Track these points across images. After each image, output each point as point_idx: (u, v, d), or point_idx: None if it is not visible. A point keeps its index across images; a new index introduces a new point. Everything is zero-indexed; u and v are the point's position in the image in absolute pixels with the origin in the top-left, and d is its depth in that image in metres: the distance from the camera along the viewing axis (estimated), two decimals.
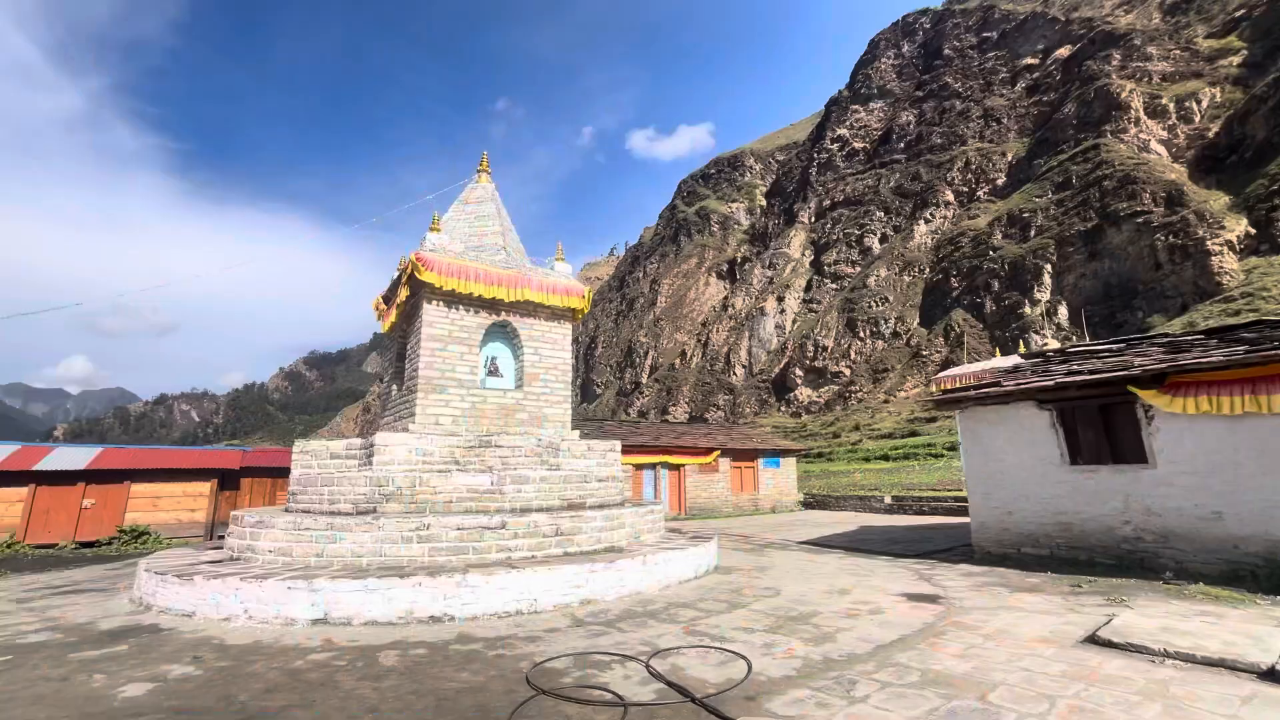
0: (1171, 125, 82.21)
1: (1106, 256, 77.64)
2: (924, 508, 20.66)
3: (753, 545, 14.18)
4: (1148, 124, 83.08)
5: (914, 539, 14.46)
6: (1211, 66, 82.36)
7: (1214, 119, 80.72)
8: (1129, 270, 75.77)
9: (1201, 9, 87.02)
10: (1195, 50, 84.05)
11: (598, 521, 8.75)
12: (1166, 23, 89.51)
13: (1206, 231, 70.76)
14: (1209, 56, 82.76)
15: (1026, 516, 10.25)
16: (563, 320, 11.49)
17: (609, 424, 25.41)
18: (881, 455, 55.23)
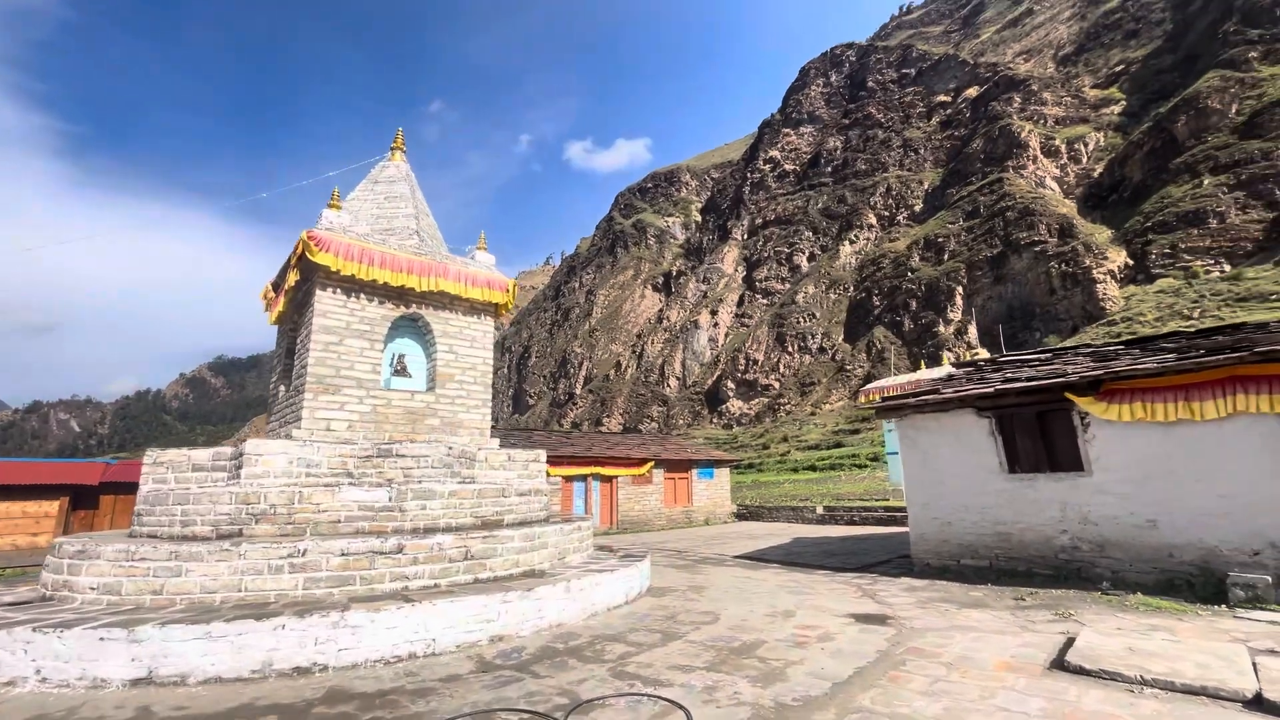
0: (1063, 164, 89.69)
1: (1010, 281, 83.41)
2: (854, 518, 20.60)
3: (687, 561, 13.34)
4: (1043, 162, 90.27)
5: (849, 551, 14.09)
6: (1097, 113, 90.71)
7: (1099, 160, 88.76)
8: (1028, 294, 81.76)
9: (1088, 62, 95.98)
10: (1083, 98, 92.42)
11: (515, 542, 7.61)
12: (1059, 72, 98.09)
13: (1093, 261, 77.44)
14: (1095, 105, 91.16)
15: (966, 527, 9.95)
16: (483, 315, 10.29)
17: (538, 433, 24.09)
18: (809, 466, 56.34)
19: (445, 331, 9.77)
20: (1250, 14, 79.97)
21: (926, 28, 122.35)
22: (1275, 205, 68.86)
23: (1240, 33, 79.90)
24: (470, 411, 9.79)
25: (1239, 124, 75.15)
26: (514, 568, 7.52)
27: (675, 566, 12.45)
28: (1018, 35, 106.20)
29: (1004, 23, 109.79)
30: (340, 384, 8.57)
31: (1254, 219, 72.07)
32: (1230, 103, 77.37)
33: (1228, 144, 75.04)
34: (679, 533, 20.75)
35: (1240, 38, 79.85)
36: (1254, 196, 71.54)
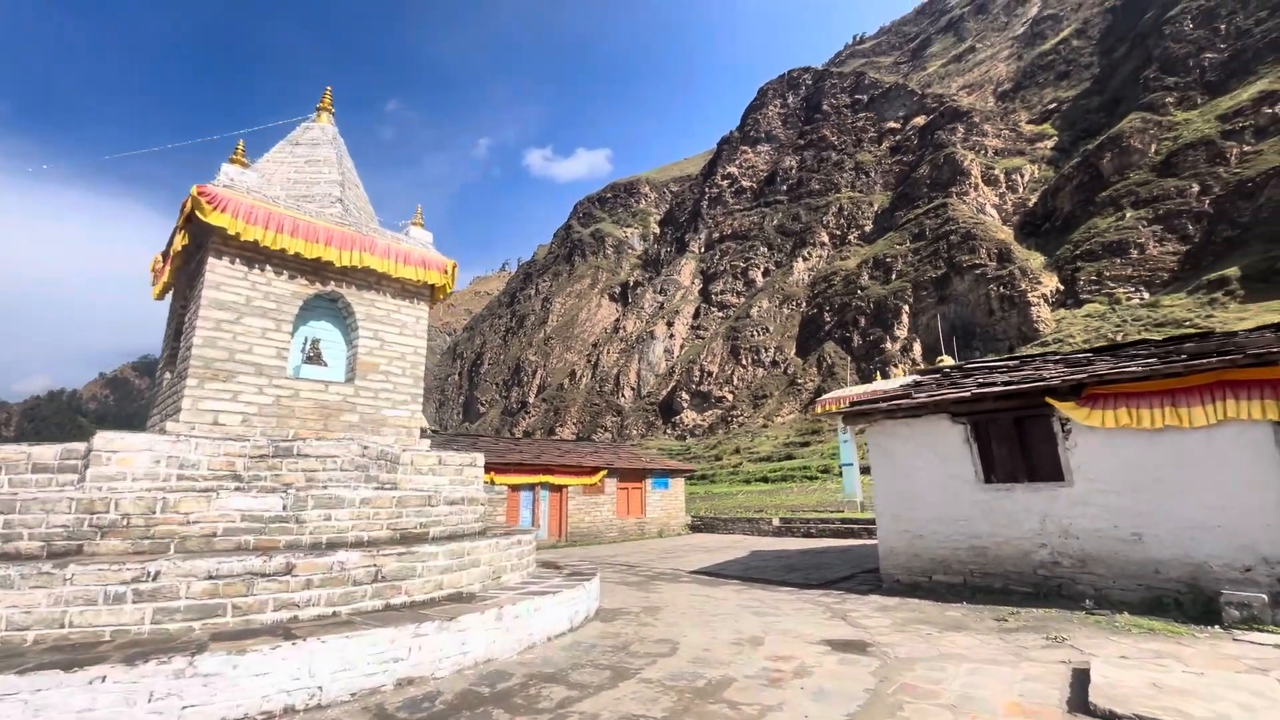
0: (1002, 193, 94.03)
1: (952, 301, 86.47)
2: (811, 530, 19.99)
3: (640, 577, 12.25)
4: (984, 190, 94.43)
5: (811, 565, 13.31)
6: (1032, 147, 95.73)
7: (1033, 191, 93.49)
8: (969, 314, 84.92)
9: (1025, 99, 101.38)
10: (1019, 132, 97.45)
11: (439, 559, 6.36)
12: (998, 107, 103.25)
13: (1027, 285, 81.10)
14: (1030, 139, 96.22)
15: (939, 540, 9.27)
16: (416, 300, 9.01)
17: (485, 438, 22.56)
18: (761, 477, 56.20)
19: (370, 315, 8.45)
20: (1167, 63, 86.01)
21: (878, 57, 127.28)
22: (1188, 239, 73.87)
23: (1159, 79, 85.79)
24: (397, 408, 8.48)
25: (1157, 162, 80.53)
26: (437, 591, 6.27)
27: (628, 584, 11.34)
28: (961, 70, 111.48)
29: (949, 58, 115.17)
30: (235, 370, 7.14)
31: (1170, 251, 76.99)
32: (1150, 143, 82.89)
33: (1148, 180, 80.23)
34: (632, 546, 19.63)
35: (1159, 84, 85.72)
36: (1170, 230, 76.52)
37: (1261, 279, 61.67)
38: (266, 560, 5.24)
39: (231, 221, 7.03)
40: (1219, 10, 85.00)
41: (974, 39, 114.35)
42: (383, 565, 5.86)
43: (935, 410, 9.49)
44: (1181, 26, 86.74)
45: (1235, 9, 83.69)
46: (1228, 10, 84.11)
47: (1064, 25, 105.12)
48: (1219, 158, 74.31)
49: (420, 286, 8.93)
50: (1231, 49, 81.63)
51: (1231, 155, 73.45)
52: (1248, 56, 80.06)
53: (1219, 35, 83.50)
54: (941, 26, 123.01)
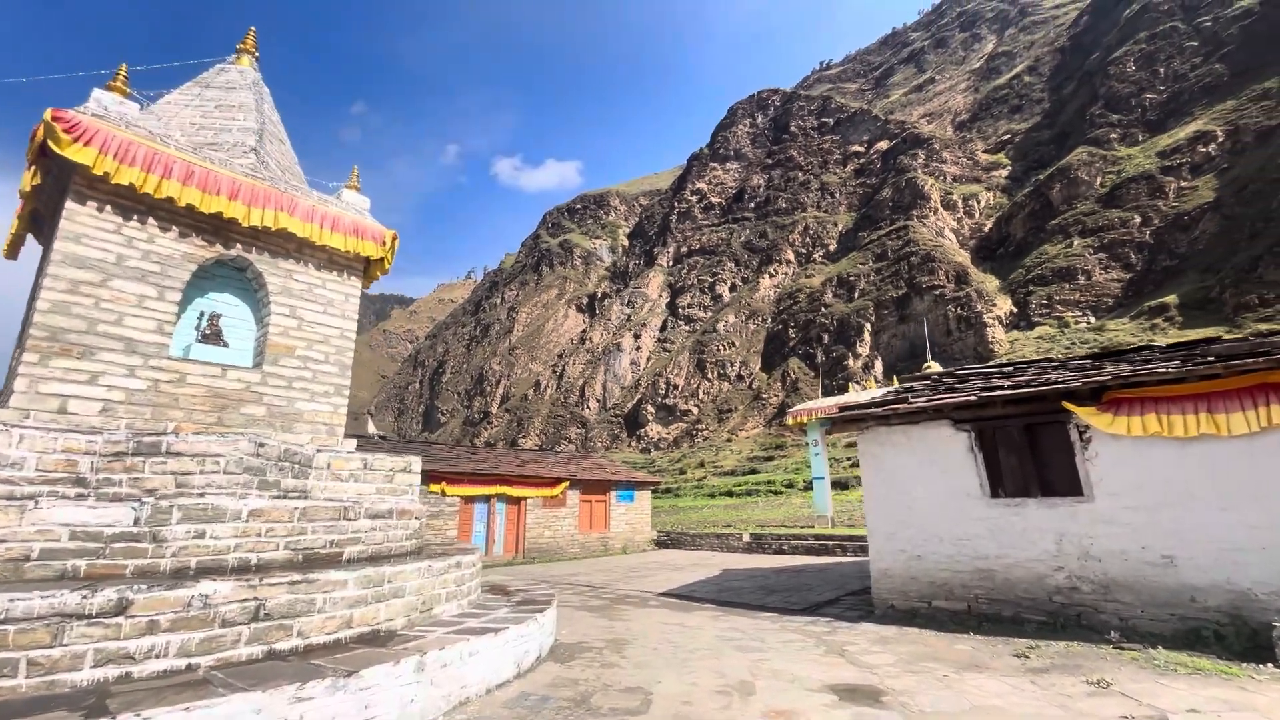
0: (960, 218, 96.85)
1: (912, 320, 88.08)
2: (784, 547, 18.93)
3: (604, 601, 10.87)
4: (943, 214, 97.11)
5: (790, 586, 12.17)
6: (987, 175, 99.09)
7: (988, 217, 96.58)
8: (929, 333, 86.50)
9: (981, 129, 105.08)
10: (976, 161, 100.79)
11: (349, 588, 4.91)
12: (956, 136, 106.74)
13: (983, 307, 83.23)
14: (986, 167, 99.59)
15: (940, 562, 8.23)
16: (347, 274, 7.57)
17: (438, 446, 20.82)
18: (726, 491, 55.27)
19: (287, 289, 6.96)
20: (1112, 101, 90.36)
21: (843, 84, 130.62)
22: (1131, 267, 77.09)
23: (1104, 116, 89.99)
24: (316, 400, 6.98)
25: (1103, 194, 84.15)
26: (345, 630, 4.82)
27: (590, 609, 9.95)
28: (922, 100, 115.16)
29: (910, 87, 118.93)
30: (95, 345, 5.58)
31: (1114, 278, 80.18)
32: (1095, 175, 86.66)
33: (1094, 211, 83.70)
34: (594, 563, 18.18)
35: (1104, 120, 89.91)
36: (1114, 259, 79.78)
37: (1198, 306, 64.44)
38: (88, 595, 3.74)
39: (98, 158, 5.52)
40: (1159, 54, 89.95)
41: (934, 70, 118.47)
42: (267, 598, 4.40)
43: (936, 416, 8.52)
44: (1125, 67, 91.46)
45: (1173, 54, 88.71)
46: (1166, 55, 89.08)
47: (1017, 62, 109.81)
48: (1159, 192, 77.97)
49: (351, 259, 7.49)
50: (1170, 90, 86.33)
51: (1170, 190, 77.19)
52: (1184, 98, 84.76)
53: (1158, 78, 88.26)
54: (904, 57, 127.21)
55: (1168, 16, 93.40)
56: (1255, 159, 69.80)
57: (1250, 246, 61.10)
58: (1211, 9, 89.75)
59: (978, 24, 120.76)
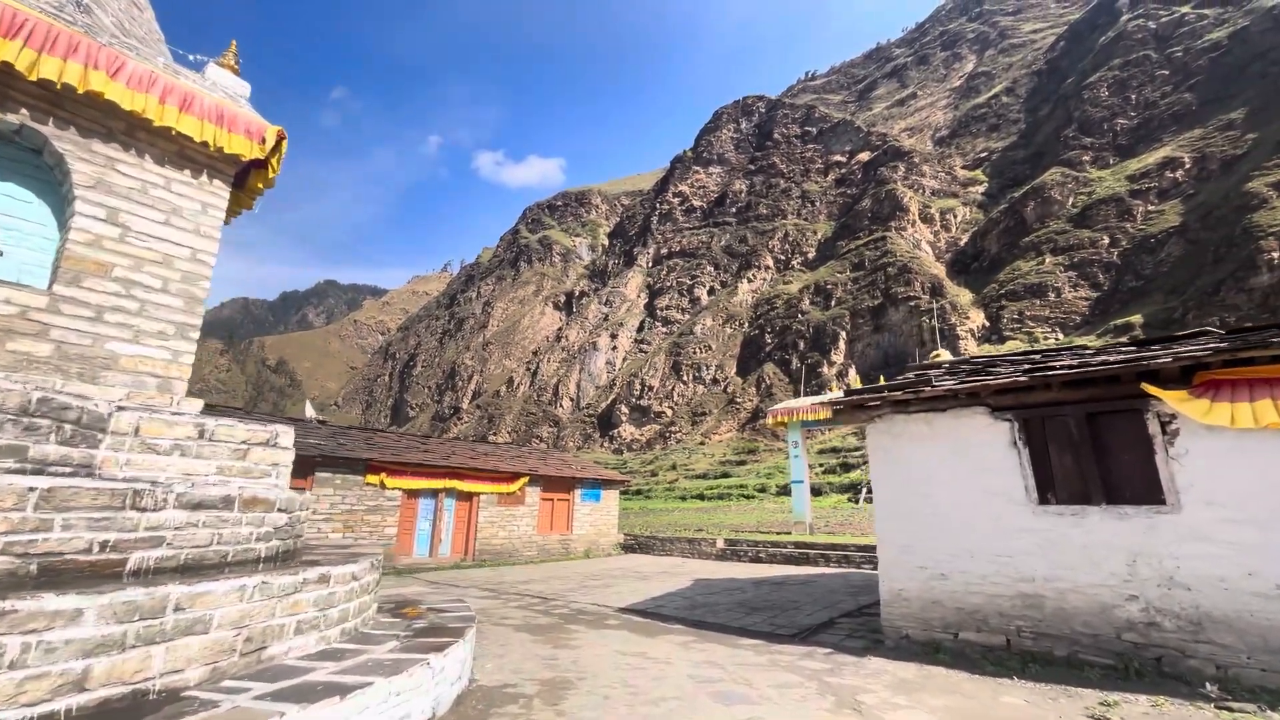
0: (937, 231, 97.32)
1: (887, 330, 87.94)
2: (760, 555, 17.18)
3: (552, 619, 8.91)
4: (920, 227, 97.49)
5: (772, 602, 10.36)
6: (964, 190, 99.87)
7: (964, 231, 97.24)
8: (902, 344, 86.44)
9: (960, 146, 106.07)
10: (954, 176, 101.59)
11: (85, 625, 2.90)
12: (936, 150, 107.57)
13: (957, 319, 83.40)
14: (963, 183, 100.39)
15: (971, 582, 6.50)
16: (209, 175, 5.52)
17: (384, 433, 18.56)
18: (698, 494, 53.64)
19: (105, 182, 4.89)
20: (1085, 124, 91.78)
21: (828, 94, 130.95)
22: (1099, 286, 78.00)
23: (1077, 138, 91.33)
24: (142, 343, 4.92)
25: (1074, 214, 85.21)
26: (73, 695, 2.83)
27: (533, 630, 7.99)
28: (903, 114, 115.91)
29: (892, 101, 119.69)
30: None
31: (1083, 295, 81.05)
32: (1068, 195, 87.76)
33: (1065, 230, 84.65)
34: (552, 568, 16.17)
35: (1077, 142, 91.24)
36: (1083, 277, 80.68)
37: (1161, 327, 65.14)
38: None
39: None
40: (1131, 81, 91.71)
41: (915, 86, 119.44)
42: None
43: (968, 401, 6.81)
44: (1098, 93, 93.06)
45: (1145, 82, 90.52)
46: (1138, 82, 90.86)
47: (996, 82, 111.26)
48: (1127, 214, 79.10)
49: (213, 156, 5.44)
50: (1141, 117, 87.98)
51: (1138, 213, 78.35)
52: (1154, 125, 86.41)
53: (1130, 104, 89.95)
54: (887, 72, 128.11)
55: (1141, 45, 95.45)
56: (1220, 186, 71.12)
57: (1214, 271, 61.91)
58: (1183, 40, 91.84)
59: (959, 44, 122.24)
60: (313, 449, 13.78)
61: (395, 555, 14.91)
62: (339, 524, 13.95)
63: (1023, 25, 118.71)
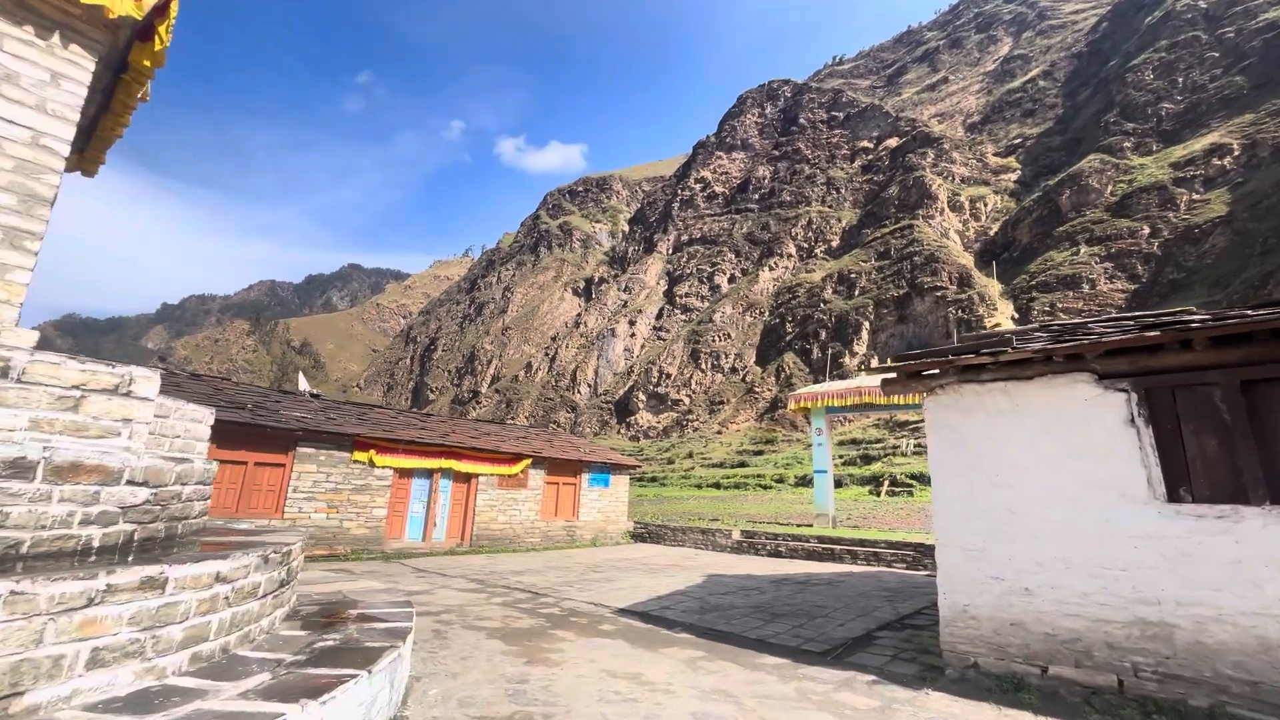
0: (966, 220, 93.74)
1: (911, 321, 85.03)
2: (780, 549, 15.64)
3: (537, 620, 7.52)
4: (949, 215, 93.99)
5: (797, 608, 8.85)
6: (996, 178, 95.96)
7: (994, 221, 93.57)
8: (927, 335, 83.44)
9: (992, 132, 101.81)
10: (985, 163, 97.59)
11: None
12: (967, 137, 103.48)
13: (985, 311, 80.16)
14: (995, 170, 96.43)
15: (1065, 601, 4.92)
16: (62, 36, 4.11)
17: (380, 409, 17.36)
18: (714, 483, 52.17)
19: None
20: (1128, 109, 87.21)
21: (856, 79, 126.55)
22: (1136, 278, 74.11)
23: (1119, 124, 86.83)
24: None
25: (1112, 203, 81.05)
26: None
27: (508, 636, 6.59)
28: (934, 99, 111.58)
29: (922, 86, 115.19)
30: None
31: (1119, 288, 77.16)
32: (1106, 184, 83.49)
33: (1102, 219, 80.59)
34: (553, 557, 14.85)
35: (1118, 128, 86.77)
36: (1120, 269, 76.81)
37: None
38: None
39: None
40: (1178, 64, 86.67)
41: (947, 70, 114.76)
42: None
43: (1066, 367, 5.18)
44: (1143, 75, 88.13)
45: (1193, 64, 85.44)
46: (1186, 64, 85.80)
47: (1032, 66, 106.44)
48: (1170, 203, 74.84)
49: (67, 9, 4.04)
50: (1187, 101, 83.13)
51: (1181, 202, 74.06)
52: (1201, 110, 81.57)
53: (1176, 87, 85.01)
54: (917, 56, 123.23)
55: (1190, 25, 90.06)
56: (1271, 174, 66.73)
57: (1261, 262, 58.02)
58: (1235, 20, 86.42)
59: (994, 26, 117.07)
60: (293, 422, 12.58)
61: (384, 539, 13.72)
62: (322, 504, 12.77)
63: (1063, 6, 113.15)
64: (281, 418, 12.64)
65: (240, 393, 14.07)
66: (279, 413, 13.08)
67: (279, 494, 12.25)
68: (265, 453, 12.15)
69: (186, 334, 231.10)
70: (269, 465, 12.20)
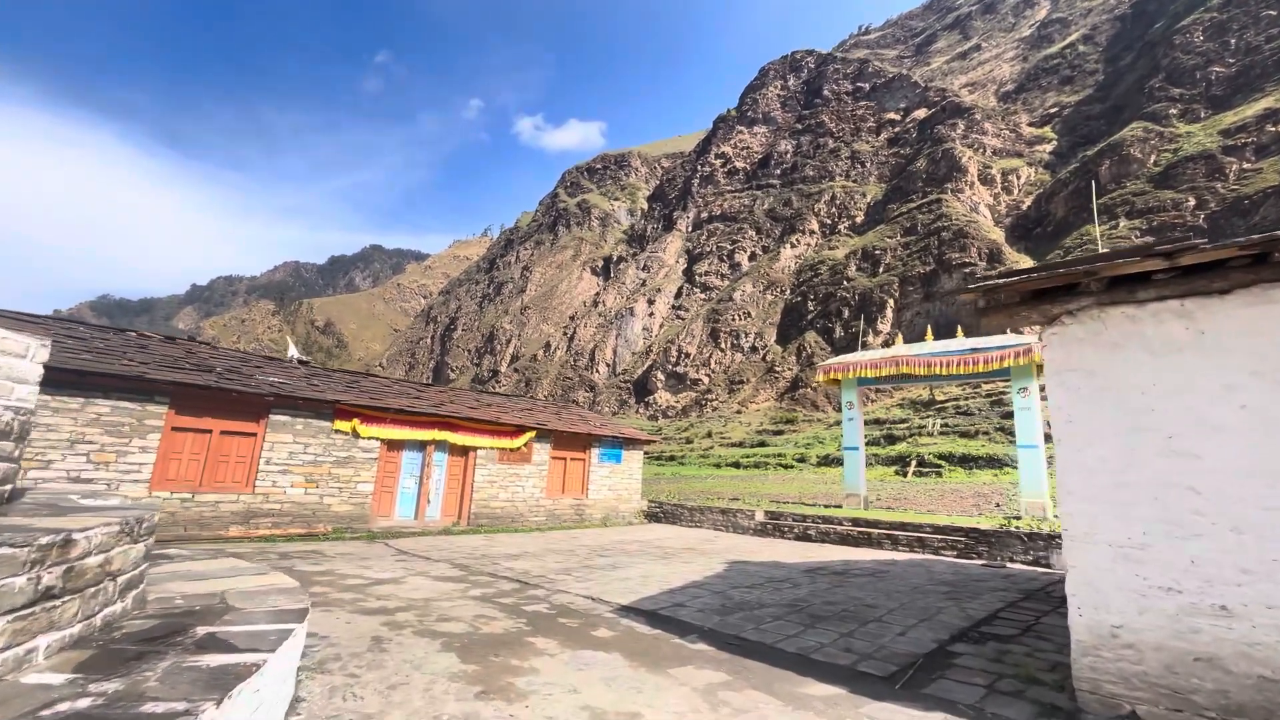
0: (997, 193, 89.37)
1: (938, 299, 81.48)
2: (809, 531, 13.90)
3: (515, 622, 5.90)
4: (979, 189, 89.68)
5: (839, 606, 7.11)
6: (1030, 149, 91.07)
7: (1028, 194, 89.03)
8: (954, 313, 79.87)
9: (1026, 101, 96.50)
10: (1019, 134, 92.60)
11: None
12: (999, 107, 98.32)
13: None
14: (1029, 141, 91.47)
15: None
16: None
17: (373, 378, 15.92)
18: (733, 463, 50.45)
19: None
20: (1174, 73, 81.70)
21: (882, 49, 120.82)
22: None
23: (1164, 90, 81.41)
24: None
25: (1156, 174, 76.12)
26: None
27: (469, 649, 4.96)
28: (965, 68, 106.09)
29: (953, 55, 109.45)
30: None
31: None
32: (1150, 153, 78.40)
33: (1144, 191, 75.80)
34: (556, 538, 13.33)
35: (1164, 94, 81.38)
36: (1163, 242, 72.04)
37: None
38: None
39: None
40: (1231, 24, 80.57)
41: (980, 38, 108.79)
42: None
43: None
44: (1192, 38, 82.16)
45: (1247, 24, 79.32)
46: (1239, 25, 79.71)
47: (1071, 30, 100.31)
48: (1218, 173, 69.91)
49: None
50: (1240, 64, 77.32)
51: (1230, 171, 69.09)
52: (1255, 73, 75.79)
53: (1229, 49, 79.09)
54: (948, 24, 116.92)
55: None
56: None
57: None
58: None
59: None
60: (265, 387, 11.13)
61: (371, 516, 12.31)
62: (299, 478, 11.36)
63: None
64: (253, 383, 11.20)
65: (216, 357, 12.69)
66: (254, 377, 11.66)
67: (249, 466, 10.86)
68: (233, 420, 10.74)
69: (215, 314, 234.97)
70: (237, 434, 10.79)
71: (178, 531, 9.86)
